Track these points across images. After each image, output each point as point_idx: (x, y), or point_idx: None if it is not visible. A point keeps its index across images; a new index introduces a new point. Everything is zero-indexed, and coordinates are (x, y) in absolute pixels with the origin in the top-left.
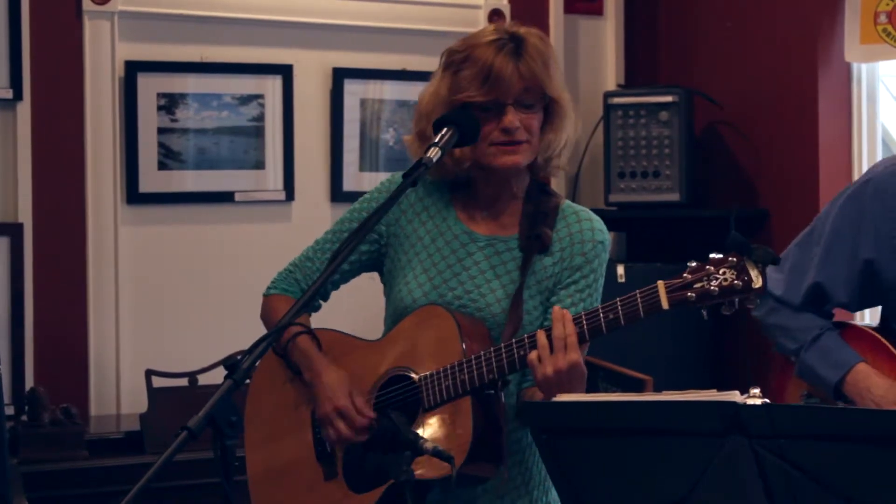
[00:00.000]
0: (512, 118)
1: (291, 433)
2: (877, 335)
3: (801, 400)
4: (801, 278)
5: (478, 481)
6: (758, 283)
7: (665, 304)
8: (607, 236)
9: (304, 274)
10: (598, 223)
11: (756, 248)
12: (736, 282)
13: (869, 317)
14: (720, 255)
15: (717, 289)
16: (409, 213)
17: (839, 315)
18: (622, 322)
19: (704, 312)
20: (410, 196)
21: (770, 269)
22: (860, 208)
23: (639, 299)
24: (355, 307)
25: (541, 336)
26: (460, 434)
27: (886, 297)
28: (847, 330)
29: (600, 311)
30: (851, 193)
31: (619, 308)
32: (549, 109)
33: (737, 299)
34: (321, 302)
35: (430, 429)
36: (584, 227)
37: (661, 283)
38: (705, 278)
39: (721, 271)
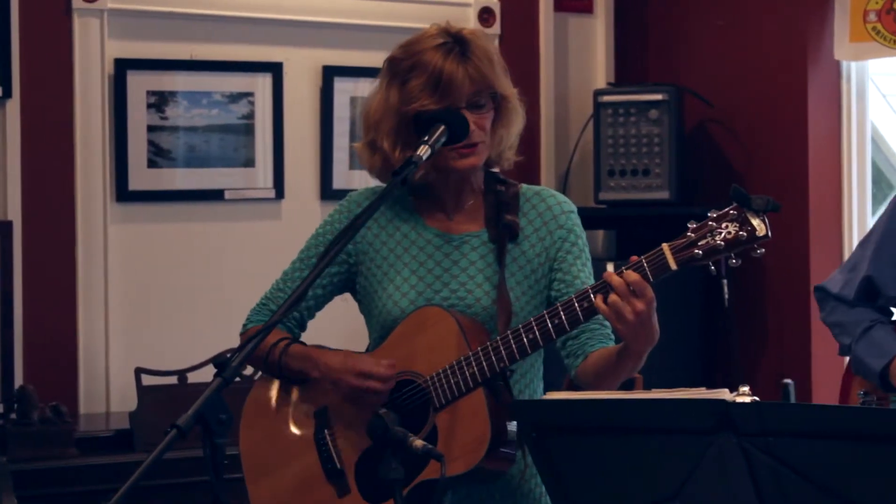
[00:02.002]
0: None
1: (294, 458)
2: None
3: (859, 398)
4: (856, 274)
5: (496, 476)
6: (761, 231)
7: (673, 265)
8: (572, 205)
9: (279, 305)
10: (560, 196)
11: (755, 197)
12: (741, 233)
13: None
14: (720, 210)
15: (722, 242)
16: (375, 227)
17: None
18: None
19: (713, 269)
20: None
21: (836, 270)
22: None
23: (645, 264)
24: (332, 330)
25: (614, 278)
26: (477, 429)
27: None
28: None
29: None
30: None
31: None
32: (500, 106)
33: (745, 249)
34: (299, 333)
35: (445, 428)
36: (550, 203)
37: (665, 245)
38: (709, 234)
39: (723, 225)
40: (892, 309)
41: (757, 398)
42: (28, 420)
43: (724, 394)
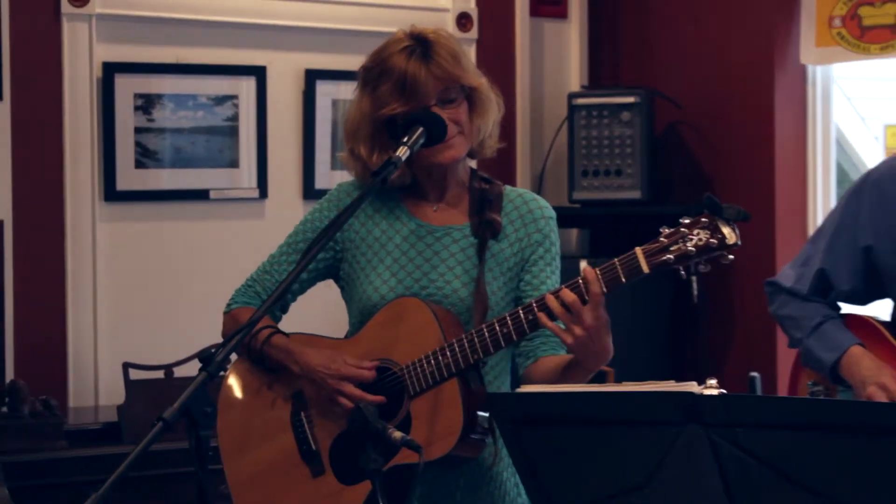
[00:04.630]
0: None
1: (270, 438)
2: (874, 322)
3: (808, 389)
4: (809, 268)
5: (467, 461)
6: (731, 239)
7: (645, 268)
8: (553, 211)
9: (264, 287)
10: (542, 200)
11: (727, 206)
12: (711, 240)
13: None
14: (692, 217)
15: (693, 249)
16: (362, 217)
17: (848, 309)
18: (604, 289)
19: (683, 273)
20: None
21: (786, 266)
22: (860, 201)
23: (618, 266)
24: (314, 316)
25: (553, 301)
26: (451, 416)
27: (889, 287)
28: (849, 318)
29: (580, 281)
30: (853, 189)
31: (600, 276)
32: (472, 97)
33: (714, 256)
34: (280, 314)
35: (420, 415)
36: (531, 206)
37: (638, 249)
38: (681, 240)
39: (695, 232)
40: (839, 304)
41: (724, 391)
42: (19, 413)
43: (693, 386)
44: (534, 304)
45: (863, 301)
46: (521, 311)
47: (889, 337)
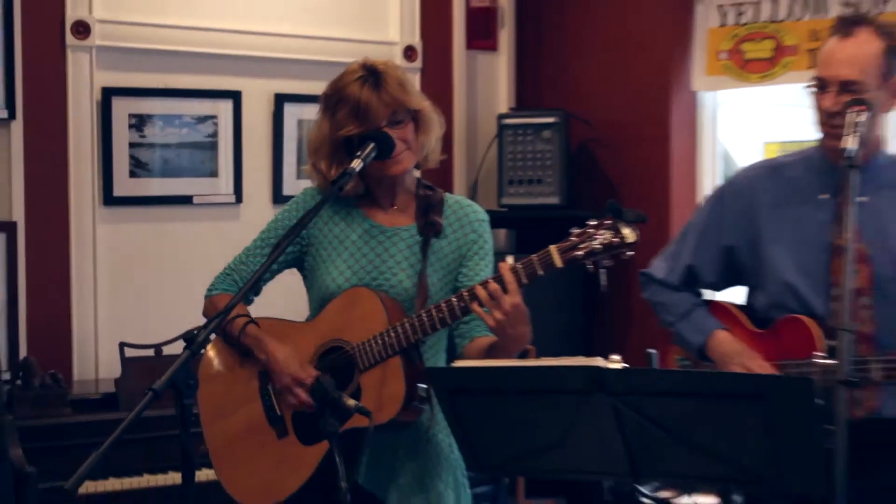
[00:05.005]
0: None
1: (242, 406)
2: (732, 309)
3: (677, 363)
4: (678, 263)
5: (408, 425)
6: (631, 238)
7: (559, 263)
8: (486, 214)
9: (241, 276)
10: (476, 206)
11: (627, 211)
12: (614, 239)
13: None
14: (598, 220)
15: (599, 246)
16: (324, 217)
17: (710, 295)
18: (524, 280)
19: (591, 267)
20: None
21: (656, 259)
22: (723, 205)
23: (535, 262)
24: (280, 302)
25: (480, 290)
26: (395, 387)
27: (746, 279)
28: (713, 305)
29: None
30: (717, 194)
31: (521, 269)
32: (417, 118)
33: (617, 253)
34: (253, 297)
35: (368, 386)
36: (467, 211)
37: (552, 247)
38: (588, 239)
39: (600, 232)
40: (702, 290)
41: (626, 365)
42: (31, 385)
43: (599, 361)
44: (464, 294)
45: (720, 289)
46: (454, 299)
47: (743, 320)
